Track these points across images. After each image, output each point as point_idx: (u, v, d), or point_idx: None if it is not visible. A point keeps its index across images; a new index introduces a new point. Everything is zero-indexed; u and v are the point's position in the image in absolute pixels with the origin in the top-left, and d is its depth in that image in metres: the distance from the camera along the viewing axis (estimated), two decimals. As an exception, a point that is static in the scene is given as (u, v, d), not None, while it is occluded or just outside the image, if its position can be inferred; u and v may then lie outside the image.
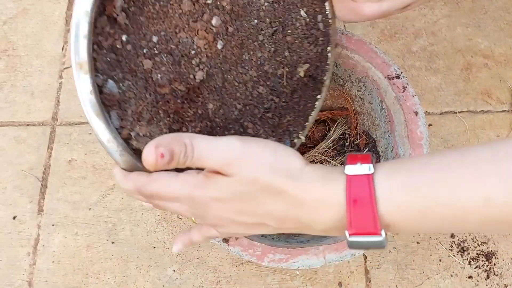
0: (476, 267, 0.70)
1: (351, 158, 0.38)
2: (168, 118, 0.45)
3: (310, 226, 0.39)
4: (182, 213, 0.42)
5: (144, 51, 0.44)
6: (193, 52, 0.47)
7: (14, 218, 0.75)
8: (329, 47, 0.55)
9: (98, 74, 0.40)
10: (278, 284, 0.69)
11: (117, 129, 0.41)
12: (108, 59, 0.41)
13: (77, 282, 0.71)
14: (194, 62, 0.48)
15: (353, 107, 0.67)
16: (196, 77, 0.48)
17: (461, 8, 0.87)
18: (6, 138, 0.80)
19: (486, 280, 0.70)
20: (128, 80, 0.42)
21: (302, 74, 0.54)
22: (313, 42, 0.55)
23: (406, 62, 0.84)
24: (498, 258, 0.71)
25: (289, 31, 0.54)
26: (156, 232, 0.73)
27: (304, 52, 0.55)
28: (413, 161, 0.37)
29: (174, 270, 0.71)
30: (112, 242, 0.73)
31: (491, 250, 0.71)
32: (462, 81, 0.82)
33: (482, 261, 0.71)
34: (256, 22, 0.52)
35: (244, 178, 0.37)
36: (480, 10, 0.87)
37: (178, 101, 0.46)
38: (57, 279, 0.71)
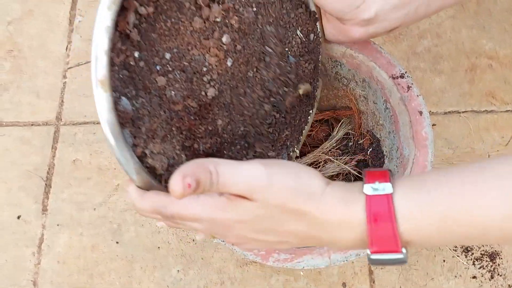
0: (480, 268, 0.70)
1: (370, 176, 0.39)
2: (181, 135, 0.45)
3: (331, 243, 0.40)
4: (202, 231, 0.43)
5: (157, 68, 0.44)
6: (205, 69, 0.48)
7: (18, 217, 0.75)
8: (319, 64, 0.57)
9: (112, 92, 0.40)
10: (283, 285, 0.70)
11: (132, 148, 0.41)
12: (120, 76, 0.40)
13: (82, 283, 0.71)
14: (205, 79, 0.48)
15: (357, 107, 0.67)
16: (207, 93, 0.48)
17: (466, 9, 0.87)
18: (11, 139, 0.81)
19: (490, 280, 0.69)
20: (141, 97, 0.42)
21: (301, 92, 0.56)
22: (307, 61, 0.56)
23: (411, 63, 0.84)
24: (502, 258, 0.71)
25: (289, 51, 0.55)
26: (160, 232, 0.74)
27: (301, 70, 0.56)
28: (430, 177, 0.38)
29: (178, 271, 0.71)
30: (116, 243, 0.73)
31: (495, 251, 0.71)
32: (466, 82, 0.82)
33: (486, 261, 0.71)
34: (260, 40, 0.52)
35: (267, 203, 0.38)
36: (485, 12, 0.87)
37: (191, 117, 0.46)
38: (62, 279, 0.71)
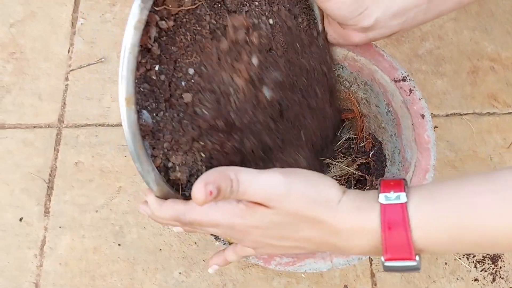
0: (482, 270, 0.70)
1: (384, 186, 0.40)
2: (204, 151, 0.46)
3: (346, 250, 0.42)
4: (220, 235, 0.46)
5: (182, 84, 0.44)
6: (231, 89, 0.48)
7: (20, 220, 0.75)
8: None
9: None
10: (284, 287, 0.70)
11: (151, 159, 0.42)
12: (141, 89, 0.41)
13: (84, 285, 0.71)
14: (231, 99, 0.49)
15: (359, 110, 0.67)
16: (232, 115, 0.49)
17: (468, 11, 0.87)
18: (14, 141, 0.81)
19: (492, 283, 0.69)
20: (162, 110, 0.43)
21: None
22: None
23: (413, 65, 0.84)
24: (504, 261, 0.71)
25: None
26: (162, 235, 0.74)
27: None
28: (444, 187, 0.39)
29: (180, 273, 0.71)
30: (119, 245, 0.73)
31: (497, 254, 0.71)
32: (468, 84, 0.82)
33: (488, 264, 0.71)
34: (282, 57, 0.54)
35: (284, 211, 0.40)
36: (487, 14, 0.87)
37: (219, 134, 0.47)
38: (64, 282, 0.71)
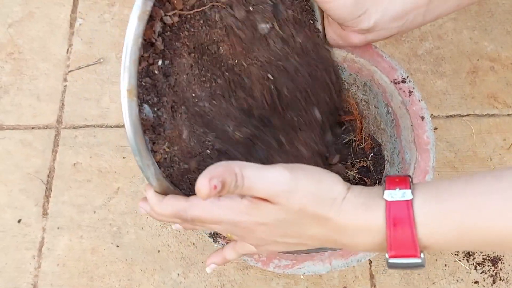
0: (482, 272, 0.70)
1: (390, 182, 0.40)
2: (212, 148, 0.46)
3: (350, 247, 0.42)
4: (221, 232, 0.44)
5: (185, 79, 0.44)
6: (244, 84, 0.48)
7: (19, 221, 0.75)
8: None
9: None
10: (283, 288, 0.69)
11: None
12: (143, 83, 0.41)
13: (82, 286, 0.71)
14: (242, 95, 0.48)
15: (358, 111, 0.67)
16: (247, 122, 0.49)
17: (467, 11, 0.87)
18: (12, 142, 0.80)
19: (492, 285, 0.69)
20: (164, 105, 0.42)
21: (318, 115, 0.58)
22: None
23: (412, 65, 0.83)
24: (504, 263, 0.70)
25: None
26: (160, 235, 0.73)
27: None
28: (450, 184, 0.39)
29: (178, 274, 0.71)
30: (117, 246, 0.73)
31: (497, 255, 0.71)
32: (468, 84, 0.82)
33: (488, 266, 0.70)
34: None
35: (290, 208, 0.39)
36: (486, 13, 0.86)
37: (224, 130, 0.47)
38: (62, 282, 0.71)
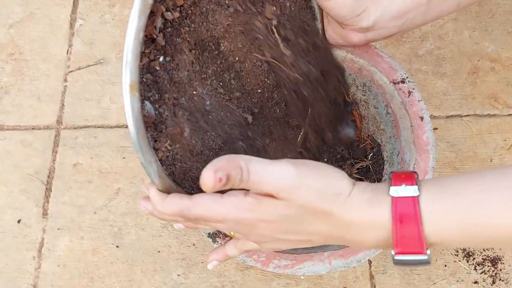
0: (481, 273, 0.70)
1: (396, 178, 0.40)
2: (214, 143, 0.46)
3: (355, 243, 0.41)
4: (224, 230, 0.44)
5: (186, 75, 0.44)
6: (244, 82, 0.48)
7: (19, 221, 0.75)
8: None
9: None
10: (283, 289, 0.69)
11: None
12: (144, 80, 0.41)
13: (82, 286, 0.71)
14: (249, 100, 0.49)
15: (358, 112, 0.67)
16: (248, 120, 0.49)
17: (468, 11, 0.87)
18: (12, 142, 0.81)
19: (492, 285, 0.69)
20: (165, 102, 0.42)
21: None
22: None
23: (413, 66, 0.83)
24: (504, 263, 0.70)
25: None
26: (161, 236, 0.73)
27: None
28: (456, 181, 0.39)
29: (179, 275, 0.71)
30: (117, 246, 0.73)
31: (497, 256, 0.71)
32: (469, 85, 0.82)
33: (488, 266, 0.70)
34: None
35: (295, 203, 0.39)
36: (487, 14, 0.86)
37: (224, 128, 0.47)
38: (62, 283, 0.71)
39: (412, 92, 0.58)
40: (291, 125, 0.56)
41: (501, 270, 0.70)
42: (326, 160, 0.65)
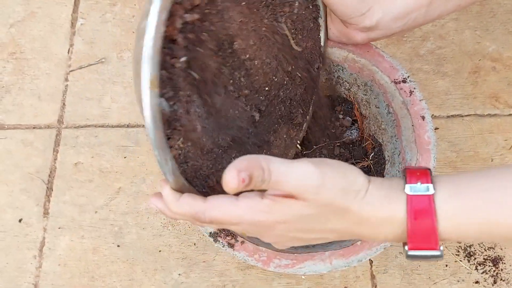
0: (483, 273, 0.70)
1: (411, 175, 0.40)
2: (227, 143, 0.46)
3: (369, 238, 0.42)
4: (236, 232, 0.44)
5: (206, 75, 0.44)
6: (263, 86, 0.49)
7: (20, 220, 0.75)
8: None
9: None
10: (284, 288, 0.69)
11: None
12: (160, 76, 0.39)
13: (83, 285, 0.71)
14: (258, 97, 0.49)
15: (359, 111, 0.67)
16: (255, 117, 0.49)
17: (469, 11, 0.87)
18: (13, 141, 0.81)
19: (493, 285, 0.69)
20: (180, 100, 0.41)
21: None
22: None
23: (414, 65, 0.83)
24: (505, 263, 0.70)
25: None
26: (162, 235, 0.73)
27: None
28: (471, 179, 0.40)
29: (179, 274, 0.71)
30: (118, 246, 0.73)
31: (498, 255, 0.71)
32: (470, 84, 0.82)
33: (489, 266, 0.70)
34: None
35: (318, 203, 0.39)
36: (488, 13, 0.86)
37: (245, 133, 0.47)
38: (63, 282, 0.71)
39: (413, 91, 0.58)
40: (294, 123, 0.56)
41: (502, 270, 0.70)
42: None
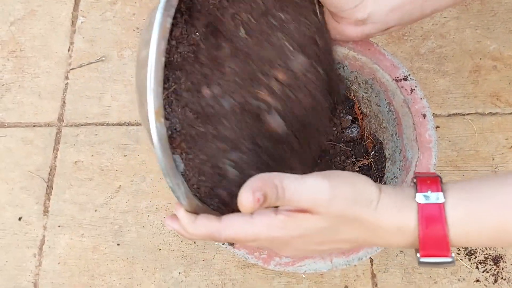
0: (483, 271, 0.70)
1: (421, 184, 0.41)
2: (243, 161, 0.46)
3: (384, 246, 0.43)
4: (253, 247, 0.45)
5: (211, 102, 0.44)
6: (263, 106, 0.48)
7: (19, 219, 0.75)
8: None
9: None
10: (284, 287, 0.69)
11: (181, 173, 0.41)
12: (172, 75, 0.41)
13: (82, 284, 0.71)
14: (262, 116, 0.49)
15: (359, 109, 0.67)
16: (269, 123, 0.49)
17: (469, 10, 0.87)
18: (13, 139, 0.80)
19: (493, 284, 0.69)
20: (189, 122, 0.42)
21: None
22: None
23: (414, 64, 0.83)
24: (506, 262, 0.70)
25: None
26: (162, 234, 0.73)
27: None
28: (480, 184, 0.40)
29: (179, 273, 0.71)
30: (118, 244, 0.73)
31: (499, 254, 0.71)
32: (470, 83, 0.82)
33: (490, 265, 0.70)
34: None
35: (331, 216, 0.39)
36: (489, 12, 0.86)
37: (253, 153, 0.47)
38: (63, 281, 0.71)
39: (414, 89, 0.58)
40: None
41: (503, 268, 0.70)
42: (327, 158, 0.65)
